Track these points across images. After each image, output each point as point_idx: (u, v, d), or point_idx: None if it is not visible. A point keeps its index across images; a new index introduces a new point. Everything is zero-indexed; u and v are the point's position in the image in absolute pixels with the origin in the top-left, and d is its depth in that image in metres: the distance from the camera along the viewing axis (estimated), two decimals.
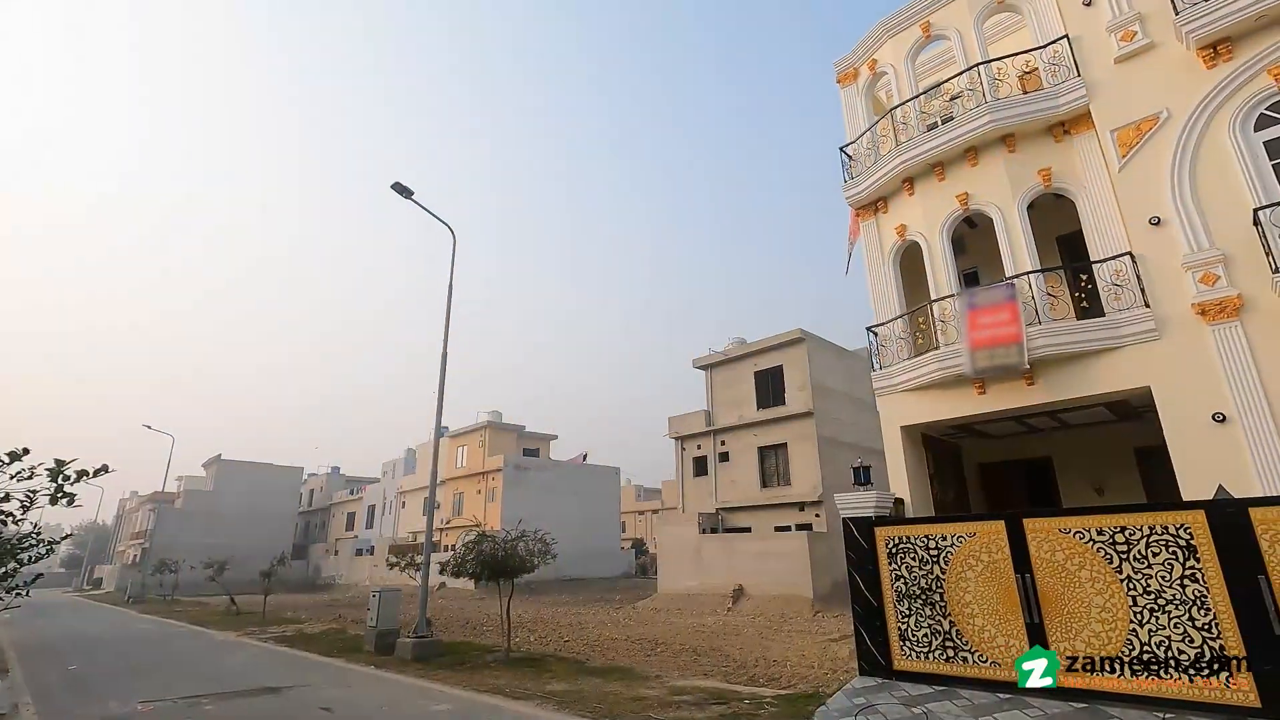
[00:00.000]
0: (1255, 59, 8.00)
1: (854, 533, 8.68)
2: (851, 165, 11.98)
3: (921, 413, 10.25)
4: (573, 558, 35.51)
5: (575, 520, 38.26)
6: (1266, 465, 7.10)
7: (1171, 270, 8.17)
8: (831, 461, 23.29)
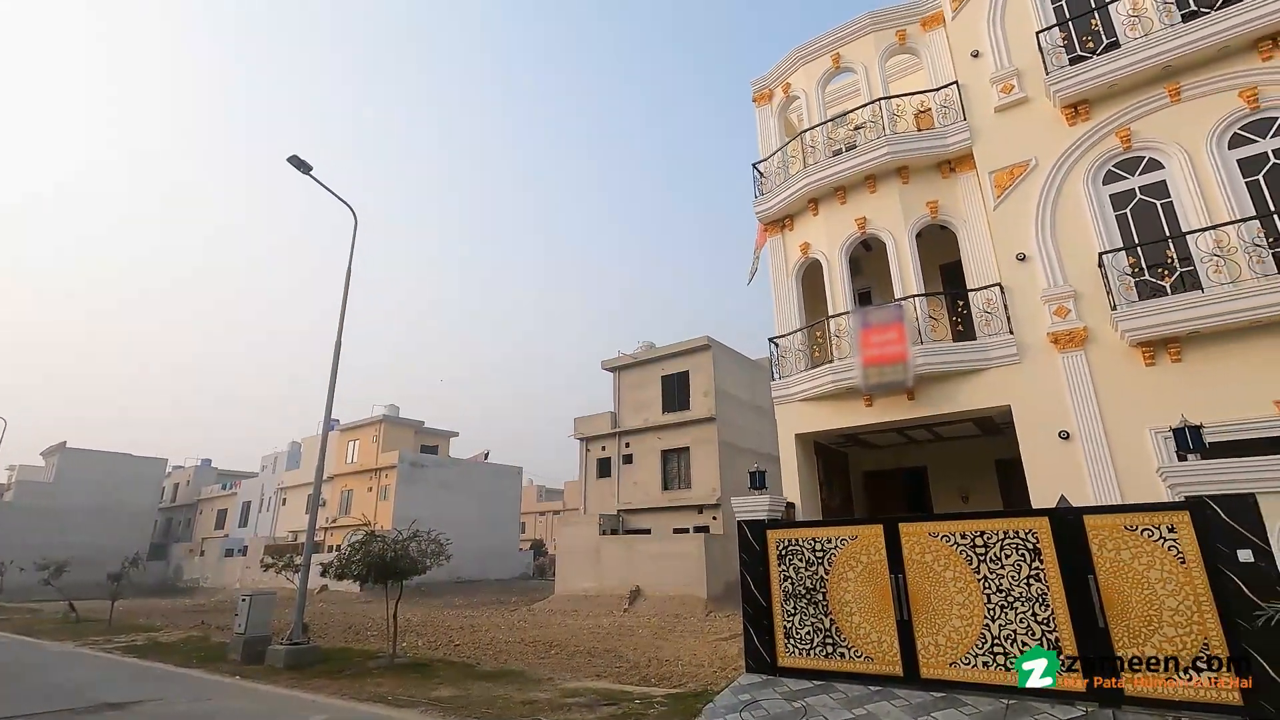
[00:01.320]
0: (1108, 121, 9.11)
1: (747, 535, 9.01)
2: (763, 182, 12.47)
3: (815, 421, 10.81)
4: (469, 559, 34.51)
5: (473, 520, 37.24)
6: (1099, 478, 8.08)
7: (1032, 302, 9.13)
8: (730, 466, 24.10)
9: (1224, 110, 8.32)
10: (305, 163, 13.97)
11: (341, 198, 14.72)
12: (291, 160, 13.87)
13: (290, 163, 13.90)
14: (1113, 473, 8.03)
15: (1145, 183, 8.79)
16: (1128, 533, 6.56)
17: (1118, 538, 6.59)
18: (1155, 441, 7.79)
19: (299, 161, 13.90)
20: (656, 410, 26.87)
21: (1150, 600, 6.32)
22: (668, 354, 27.28)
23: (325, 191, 14.56)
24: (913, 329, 9.64)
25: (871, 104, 11.14)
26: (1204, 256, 7.93)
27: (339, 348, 13.87)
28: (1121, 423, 8.13)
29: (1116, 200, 8.97)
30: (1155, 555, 6.38)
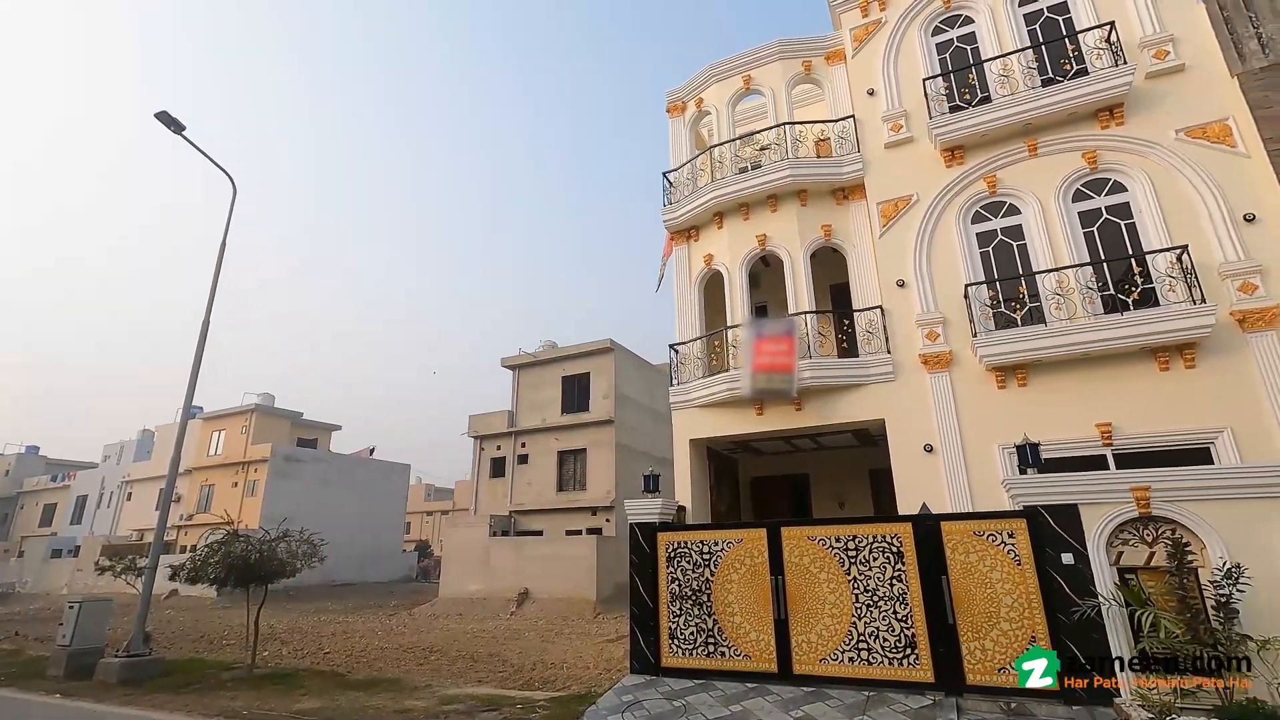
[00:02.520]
0: (978, 167, 10.11)
1: (639, 537, 9.12)
2: (672, 191, 12.73)
3: (710, 428, 11.15)
4: (347, 561, 32.49)
5: (354, 519, 35.09)
6: (956, 487, 8.92)
7: (908, 325, 9.94)
8: (626, 469, 24.32)
9: (1071, 168, 9.48)
10: (176, 121, 12.60)
11: (218, 164, 13.41)
12: (160, 117, 12.46)
13: (159, 119, 12.48)
14: (967, 483, 8.89)
15: (1006, 225, 9.84)
16: (976, 538, 7.29)
17: (967, 542, 7.31)
18: (1002, 456, 8.71)
19: (169, 119, 12.52)
20: (555, 411, 26.63)
21: (991, 598, 7.06)
22: (570, 354, 27.13)
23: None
24: (803, 343, 10.19)
25: (777, 127, 11.69)
26: (1048, 295, 9.00)
27: (206, 328, 12.61)
28: (976, 438, 9.03)
29: (982, 238, 9.98)
30: (997, 558, 7.14)
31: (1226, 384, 7.90)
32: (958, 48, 11.06)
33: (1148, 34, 9.43)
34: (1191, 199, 8.65)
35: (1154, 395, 8.20)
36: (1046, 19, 10.48)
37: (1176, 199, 8.75)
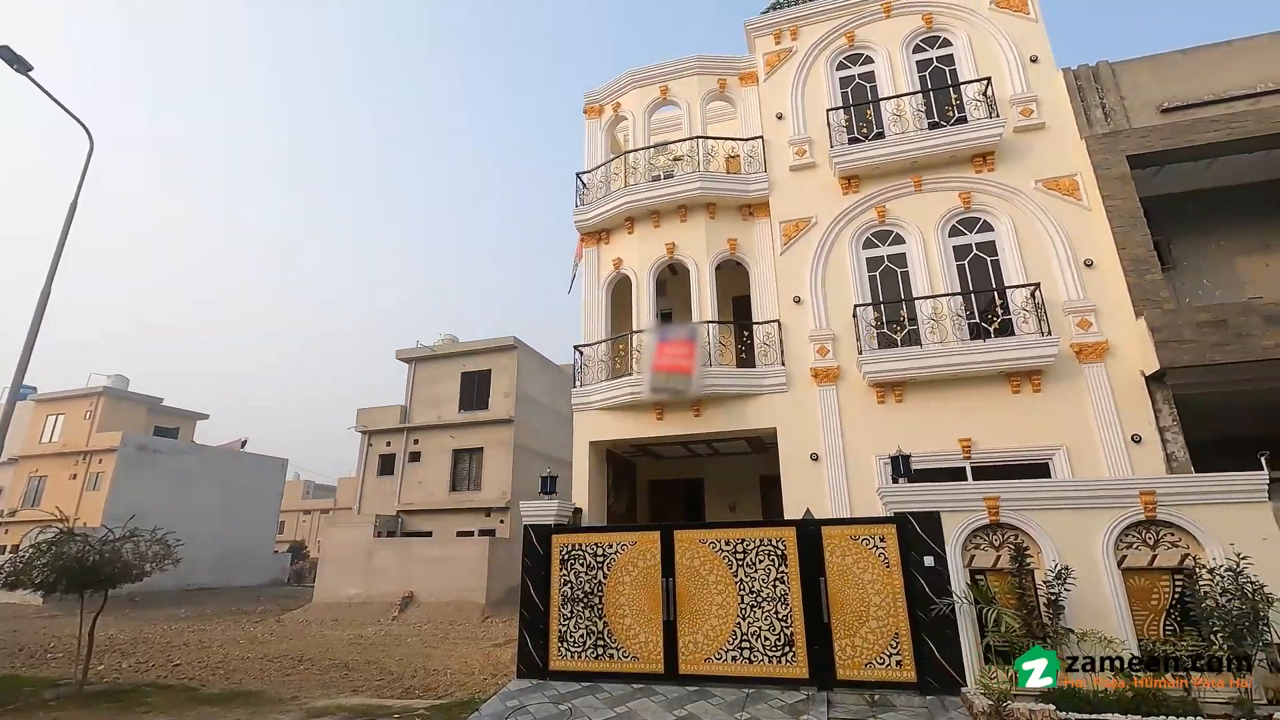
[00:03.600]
0: (871, 197, 10.87)
1: (533, 539, 9.00)
2: (585, 192, 12.70)
3: (610, 430, 11.20)
4: (208, 563, 29.71)
5: (219, 517, 32.14)
6: (837, 494, 9.51)
7: (802, 340, 10.50)
8: (524, 469, 23.92)
9: (949, 205, 10.42)
10: (22, 59, 11.01)
11: (74, 114, 11.85)
12: (2, 52, 10.82)
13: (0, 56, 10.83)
14: (847, 490, 9.51)
15: (892, 253, 10.65)
16: (852, 541, 7.80)
17: (844, 545, 7.81)
18: (879, 466, 9.40)
19: (12, 56, 10.91)
20: (452, 407, 25.74)
21: (862, 598, 7.58)
22: (471, 350, 26.34)
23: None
24: (704, 352, 10.49)
25: (691, 140, 11.99)
26: (925, 319, 9.83)
27: (46, 297, 11.07)
28: (857, 449, 9.68)
29: (871, 263, 10.73)
30: (869, 561, 7.68)
31: (1064, 408, 8.98)
32: (858, 84, 11.86)
33: (1017, 93, 10.57)
34: (1045, 242, 9.78)
35: (1007, 415, 9.17)
36: (935, 68, 11.48)
37: (1033, 241, 9.85)
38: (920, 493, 7.71)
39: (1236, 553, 6.27)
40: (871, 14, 11.96)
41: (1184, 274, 10.70)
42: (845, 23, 12.09)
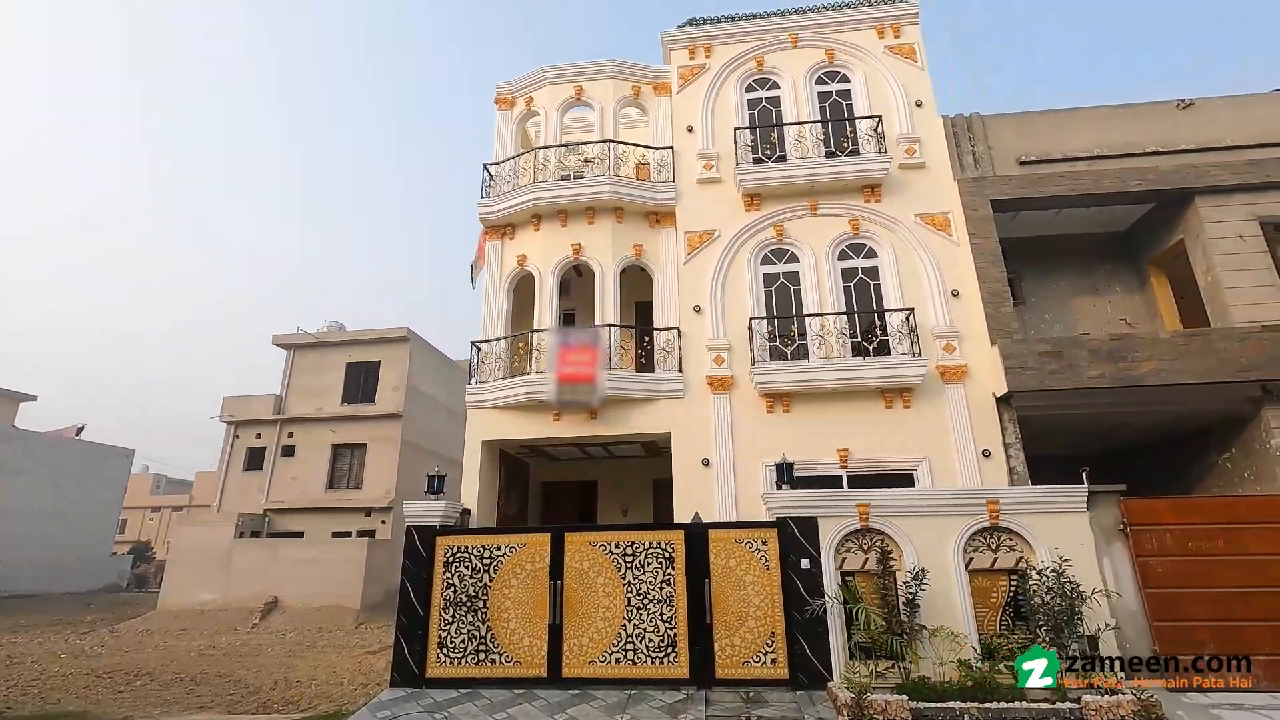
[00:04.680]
0: (771, 216, 11.39)
1: (415, 541, 8.60)
2: (491, 184, 12.37)
3: (504, 430, 10.95)
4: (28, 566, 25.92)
5: (43, 514, 28.09)
6: (725, 499, 9.85)
7: (700, 348, 10.80)
8: (411, 468, 22.83)
9: (840, 230, 11.14)
10: None
11: None
12: None
13: None
14: (734, 495, 9.87)
15: (787, 270, 11.21)
16: (736, 545, 8.10)
17: (729, 548, 8.09)
18: (765, 473, 9.84)
19: None
20: (335, 399, 24.10)
21: (743, 599, 7.88)
22: (359, 340, 24.82)
23: None
24: (605, 354, 10.52)
25: (603, 143, 12.01)
26: (813, 335, 10.43)
27: None
28: (746, 455, 10.08)
29: (767, 279, 11.24)
30: (751, 563, 8.00)
31: (929, 423, 9.85)
32: (765, 107, 12.42)
33: (903, 133, 11.50)
34: (920, 271, 10.69)
35: (880, 428, 9.91)
36: (834, 100, 12.25)
37: (910, 269, 10.74)
38: (801, 499, 8.15)
39: (1060, 556, 7.16)
40: (780, 43, 12.57)
41: (1031, 308, 12.08)
42: (756, 47, 12.63)
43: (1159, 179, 10.75)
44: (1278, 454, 9.09)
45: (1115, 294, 12.21)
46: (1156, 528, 7.56)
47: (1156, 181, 10.74)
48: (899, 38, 12.27)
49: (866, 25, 12.42)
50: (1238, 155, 10.75)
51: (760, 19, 12.88)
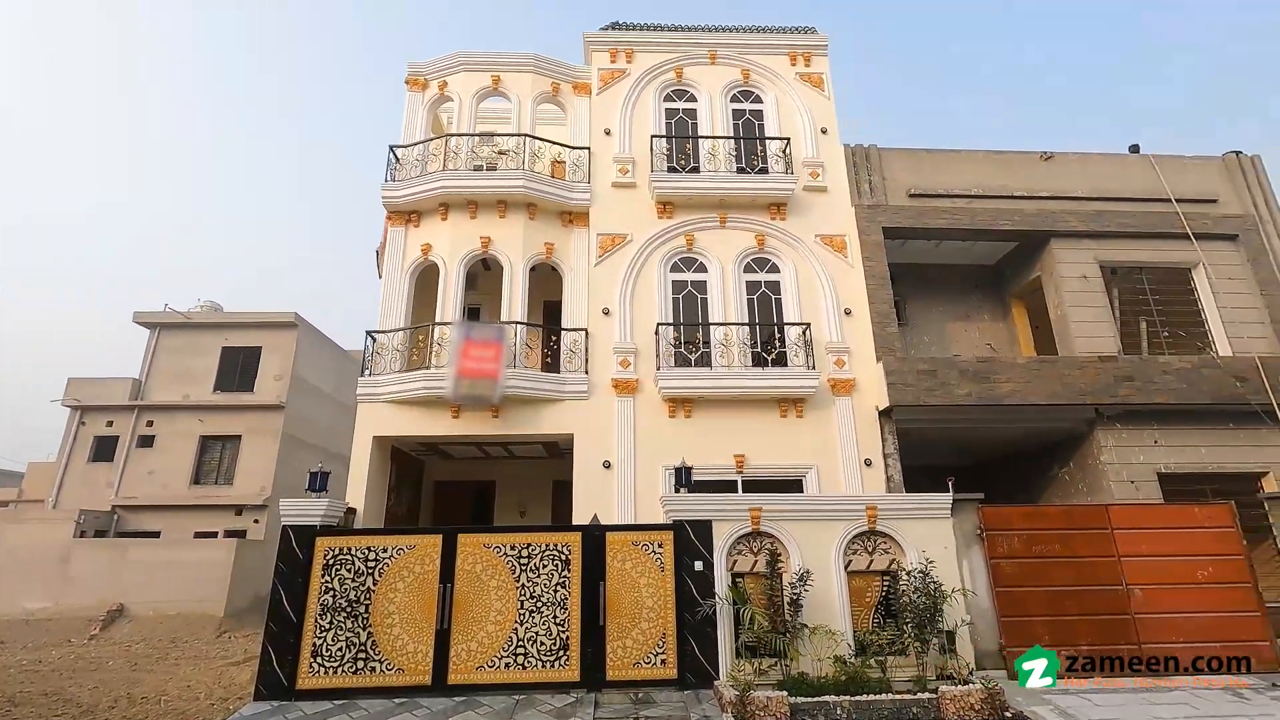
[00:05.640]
0: (682, 224, 11.63)
1: (292, 542, 8.00)
2: (398, 168, 11.79)
3: (399, 426, 10.45)
4: None
5: None
6: (625, 501, 9.92)
7: (606, 350, 10.83)
8: (292, 463, 21.21)
9: (746, 244, 11.56)
10: None
11: None
12: None
13: None
14: (634, 498, 9.97)
15: (695, 279, 11.49)
16: (633, 547, 8.17)
17: (625, 550, 8.15)
18: (664, 476, 10.00)
19: None
20: (207, 386, 21.98)
21: (637, 601, 7.96)
22: (238, 323, 22.80)
23: None
24: (510, 352, 10.30)
25: (519, 136, 11.78)
26: (717, 344, 10.75)
27: None
28: (647, 459, 10.20)
29: (675, 286, 11.47)
30: (647, 565, 8.10)
31: (819, 433, 10.42)
32: (681, 118, 12.69)
33: (809, 157, 12.13)
34: (817, 289, 11.30)
35: (775, 436, 10.36)
36: (747, 119, 12.73)
37: (809, 286, 11.33)
38: (698, 502, 8.36)
39: (926, 558, 7.79)
40: (700, 57, 12.90)
41: (912, 330, 13.10)
42: (676, 59, 12.88)
43: (1022, 220, 12.02)
44: (1106, 469, 10.40)
45: (983, 321, 13.51)
46: (1008, 532, 8.40)
47: (1020, 223, 12.01)
48: (809, 66, 12.95)
49: (780, 51, 13.01)
50: (1086, 205, 12.22)
51: (682, 31, 13.16)
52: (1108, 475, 10.36)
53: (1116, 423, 10.63)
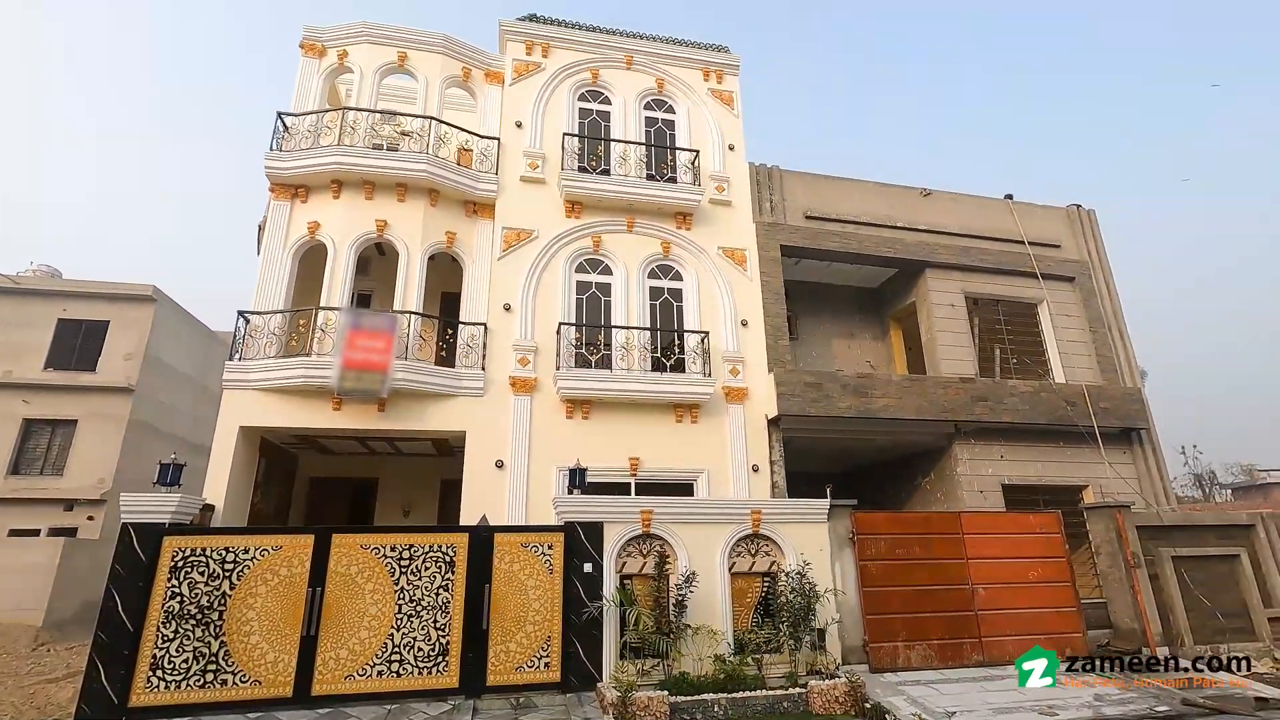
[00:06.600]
0: (590, 225, 11.59)
1: (133, 542, 7.14)
2: (286, 137, 10.89)
3: (271, 416, 9.63)
4: None
5: None
6: (516, 502, 9.71)
7: (505, 347, 10.57)
8: (141, 454, 18.95)
9: (652, 250, 11.72)
10: None
11: None
12: None
13: None
14: (526, 499, 9.78)
15: (600, 281, 11.49)
16: (522, 549, 8.02)
17: (514, 552, 7.98)
18: (558, 477, 9.90)
19: None
20: (35, 362, 19.14)
21: (523, 603, 7.81)
22: (81, 291, 20.06)
23: None
24: (402, 343, 9.80)
25: (425, 119, 11.26)
26: (618, 347, 10.80)
27: None
28: (541, 459, 10.05)
29: (580, 286, 11.41)
30: (535, 567, 7.97)
31: (711, 438, 10.74)
32: (595, 119, 12.67)
33: (716, 170, 12.51)
34: (717, 299, 11.66)
35: (670, 440, 10.56)
36: (659, 128, 12.93)
37: (709, 296, 11.67)
38: (590, 504, 8.34)
39: (804, 560, 8.24)
40: (617, 61, 12.96)
41: (801, 344, 13.85)
42: (594, 60, 12.86)
43: (903, 249, 13.07)
44: (960, 479, 11.51)
45: (865, 339, 14.54)
46: (875, 536, 9.06)
47: (901, 251, 13.05)
48: (721, 83, 13.37)
49: (694, 65, 13.34)
50: (956, 240, 13.49)
51: (601, 33, 13.16)
52: (962, 485, 11.47)
53: (971, 438, 11.80)
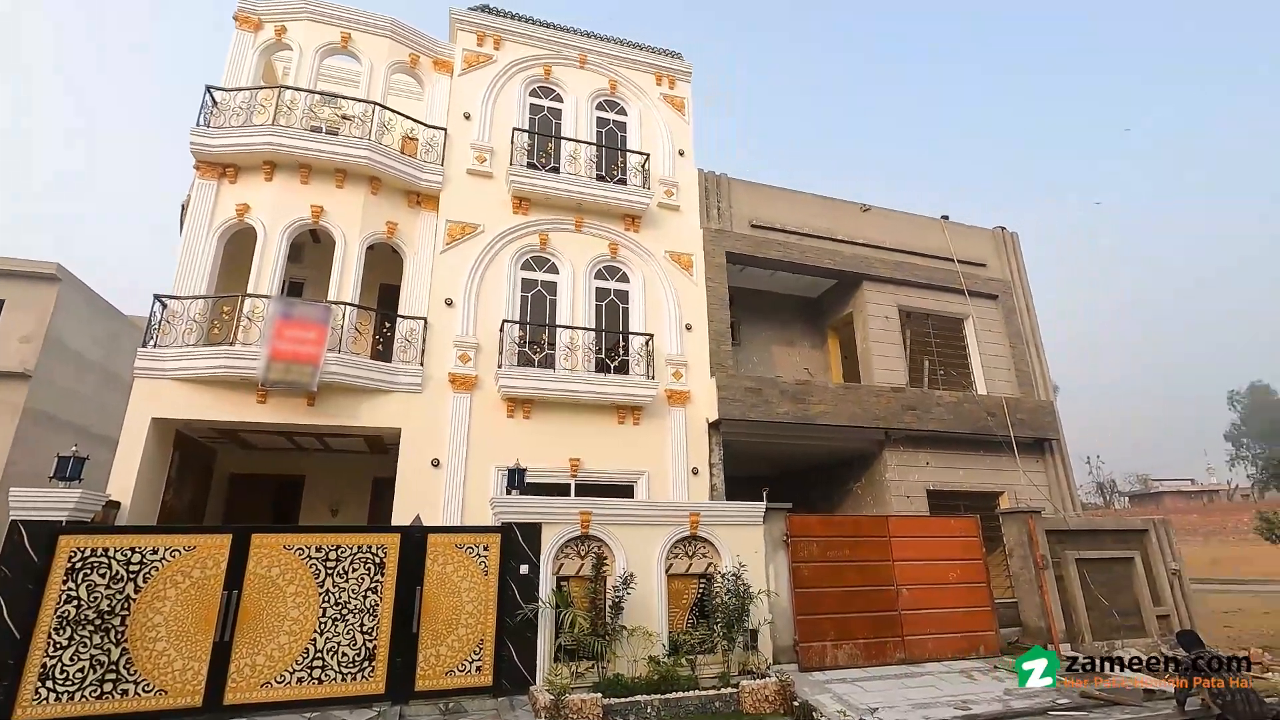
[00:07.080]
0: (537, 223, 11.45)
1: (24, 541, 6.56)
2: (215, 112, 10.28)
3: (188, 408, 9.05)
4: None
5: None
6: (452, 502, 9.48)
7: (446, 343, 10.31)
8: (36, 445, 17.40)
9: (599, 251, 11.68)
10: None
11: None
12: None
13: None
14: (462, 499, 9.55)
15: (545, 279, 11.37)
16: (456, 550, 7.82)
17: (448, 554, 7.77)
18: (497, 477, 9.72)
19: None
20: None
21: (456, 606, 7.61)
22: None
23: None
24: (335, 335, 9.41)
25: (368, 103, 10.85)
26: (562, 347, 10.71)
27: None
28: (480, 459, 9.84)
29: (525, 284, 11.25)
30: (469, 568, 7.79)
31: (652, 441, 10.79)
32: (546, 116, 12.55)
33: (665, 175, 12.61)
34: (662, 302, 11.74)
35: (611, 441, 10.55)
36: (610, 129, 12.92)
37: (655, 299, 11.73)
38: (529, 505, 8.22)
39: (740, 562, 8.38)
40: (570, 59, 12.87)
41: (743, 349, 14.11)
42: (546, 56, 12.73)
43: (842, 261, 13.53)
44: (889, 484, 11.99)
45: (804, 347, 14.96)
46: (808, 539, 9.32)
47: (840, 263, 13.51)
48: (673, 89, 13.49)
49: (648, 69, 13.40)
50: (891, 255, 14.07)
51: (555, 30, 13.04)
52: (890, 490, 11.96)
53: (900, 445, 12.33)
